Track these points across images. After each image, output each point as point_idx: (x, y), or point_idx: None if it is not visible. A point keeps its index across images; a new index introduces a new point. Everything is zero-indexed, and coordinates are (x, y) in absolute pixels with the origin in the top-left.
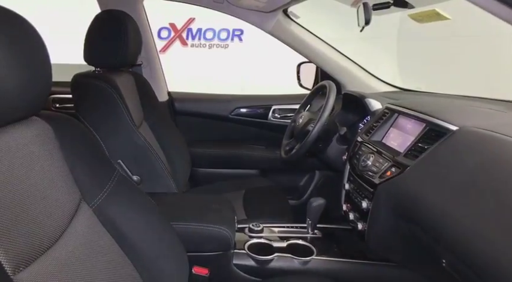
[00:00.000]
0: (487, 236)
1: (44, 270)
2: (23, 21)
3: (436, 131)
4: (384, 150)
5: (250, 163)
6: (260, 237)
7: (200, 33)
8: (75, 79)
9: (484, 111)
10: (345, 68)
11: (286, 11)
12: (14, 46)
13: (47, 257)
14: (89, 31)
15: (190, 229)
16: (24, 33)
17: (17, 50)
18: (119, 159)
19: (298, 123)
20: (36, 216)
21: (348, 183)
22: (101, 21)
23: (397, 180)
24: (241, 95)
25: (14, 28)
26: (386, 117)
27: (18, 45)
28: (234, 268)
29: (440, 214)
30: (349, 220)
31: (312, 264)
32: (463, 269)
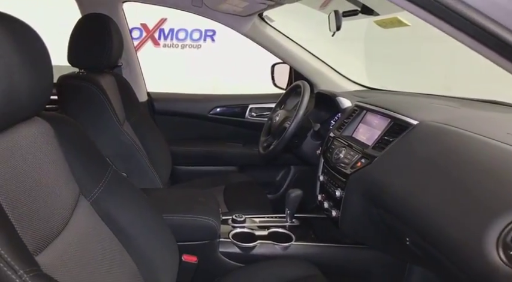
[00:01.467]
0: (442, 214)
1: (54, 257)
2: (28, 27)
3: (400, 125)
4: (354, 143)
5: (229, 160)
6: (243, 227)
7: (172, 33)
8: (61, 80)
9: (440, 107)
10: (317, 68)
11: (261, 15)
12: (24, 52)
13: (55, 246)
14: (73, 33)
15: (179, 220)
16: (30, 39)
17: (26, 56)
18: (106, 157)
19: (274, 121)
20: (43, 208)
21: (322, 175)
22: (84, 24)
23: (366, 170)
24: (219, 94)
25: (22, 35)
26: (356, 114)
27: (26, 51)
28: (220, 255)
29: (403, 198)
30: (324, 208)
31: (291, 249)
32: (424, 244)
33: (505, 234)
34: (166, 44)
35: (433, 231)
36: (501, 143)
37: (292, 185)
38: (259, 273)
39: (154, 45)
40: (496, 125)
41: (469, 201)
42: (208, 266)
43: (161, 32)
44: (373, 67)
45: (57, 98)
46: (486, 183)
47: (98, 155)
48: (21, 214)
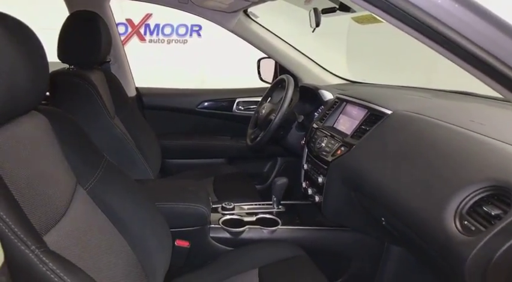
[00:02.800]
0: (410, 194)
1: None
2: (25, 26)
3: (375, 115)
4: (335, 133)
5: (218, 152)
6: (232, 213)
7: (158, 28)
8: (52, 76)
9: (413, 98)
10: (300, 63)
11: (246, 11)
12: (23, 49)
13: (56, 231)
14: (63, 30)
15: (172, 208)
16: (28, 37)
17: (25, 53)
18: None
19: (261, 114)
20: (44, 196)
21: (306, 163)
22: (74, 21)
23: (346, 157)
24: (207, 89)
25: (21, 33)
26: (337, 105)
27: (25, 48)
28: (211, 240)
29: (377, 181)
30: (308, 195)
31: (278, 233)
32: (397, 223)
33: (461, 208)
34: (152, 39)
35: (403, 209)
36: (463, 129)
37: (279, 175)
38: (248, 255)
39: (140, 41)
40: (461, 113)
41: (432, 181)
42: (200, 250)
43: (147, 27)
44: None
45: (49, 94)
46: (447, 164)
47: (93, 146)
48: (25, 201)
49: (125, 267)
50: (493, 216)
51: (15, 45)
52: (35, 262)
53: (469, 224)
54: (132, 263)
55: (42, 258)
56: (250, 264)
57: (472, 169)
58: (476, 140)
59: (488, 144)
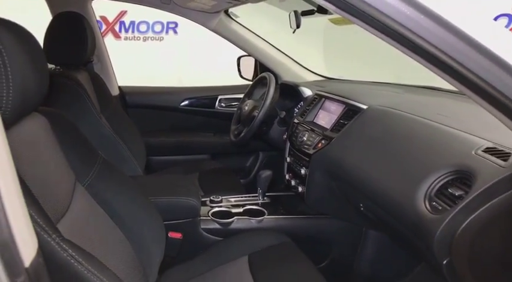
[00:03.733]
0: (385, 181)
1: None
2: (27, 31)
3: (352, 110)
4: (315, 127)
5: (201, 149)
6: (220, 206)
7: (133, 26)
8: None
9: (387, 93)
10: (280, 61)
11: (227, 11)
12: (28, 54)
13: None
14: (49, 31)
15: (164, 202)
16: (31, 41)
17: (29, 57)
18: None
19: (244, 111)
20: (50, 193)
21: (289, 156)
22: (59, 22)
23: (326, 149)
24: (189, 87)
25: (25, 39)
26: (316, 101)
27: (29, 53)
28: (202, 231)
29: (356, 170)
30: (292, 186)
31: (264, 222)
32: (374, 208)
33: (430, 190)
34: (128, 37)
35: (380, 194)
36: (431, 121)
37: (262, 169)
38: (237, 244)
39: (115, 38)
40: (428, 107)
41: (405, 168)
42: (192, 241)
43: (122, 24)
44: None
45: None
46: (417, 153)
47: (89, 145)
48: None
49: (123, 257)
50: (457, 197)
51: (23, 50)
52: (57, 249)
53: (437, 204)
54: (129, 253)
55: (62, 245)
56: (240, 252)
57: (439, 157)
58: (442, 131)
59: (452, 134)
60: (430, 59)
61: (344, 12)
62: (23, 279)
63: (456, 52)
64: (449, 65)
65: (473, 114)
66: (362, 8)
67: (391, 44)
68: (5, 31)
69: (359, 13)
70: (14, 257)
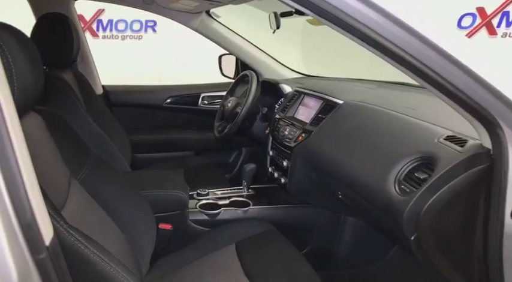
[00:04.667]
0: (360, 168)
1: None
2: (24, 34)
3: (330, 105)
4: (295, 122)
5: (185, 145)
6: (207, 198)
7: (111, 24)
8: None
9: (361, 89)
10: (260, 59)
11: (208, 11)
12: (28, 55)
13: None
14: (35, 32)
15: (154, 195)
16: (28, 44)
17: (29, 58)
18: None
19: (227, 107)
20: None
21: (272, 150)
22: (45, 23)
23: (306, 142)
24: (172, 85)
25: (23, 41)
26: (296, 97)
27: (29, 54)
28: (191, 223)
29: (334, 160)
30: (275, 178)
31: (249, 213)
32: (351, 194)
33: (399, 175)
34: (106, 35)
35: (355, 181)
36: (400, 113)
37: (245, 164)
38: (225, 233)
39: (93, 37)
40: (398, 101)
41: (377, 156)
42: (181, 232)
43: (99, 23)
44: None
45: None
46: (387, 143)
47: (81, 142)
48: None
49: (118, 248)
50: (421, 180)
51: (23, 52)
52: (64, 234)
53: (405, 187)
54: (123, 244)
55: (69, 230)
56: (228, 240)
57: (406, 145)
58: (409, 122)
59: (418, 125)
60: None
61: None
62: (44, 255)
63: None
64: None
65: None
66: (324, 7)
67: (358, 42)
68: (6, 34)
69: (322, 12)
70: (36, 237)
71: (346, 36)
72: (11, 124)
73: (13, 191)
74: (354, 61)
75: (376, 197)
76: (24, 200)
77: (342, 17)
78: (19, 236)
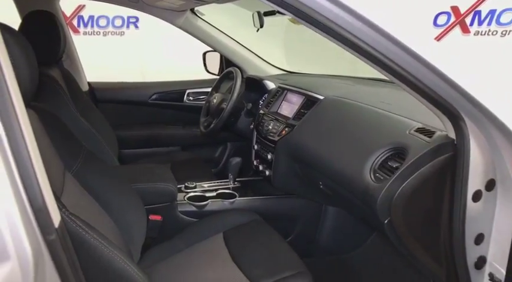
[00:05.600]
0: (339, 159)
1: None
2: (19, 33)
3: (311, 100)
4: (279, 117)
5: (171, 141)
6: (195, 191)
7: (92, 20)
8: None
9: (340, 85)
10: (244, 56)
11: (193, 9)
12: (26, 54)
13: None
14: (22, 30)
15: (144, 188)
16: (22, 42)
17: (26, 57)
18: None
19: (212, 103)
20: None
21: (256, 144)
22: (32, 20)
23: (290, 136)
24: (158, 81)
25: (22, 41)
26: (279, 93)
27: (26, 53)
28: (179, 214)
29: (315, 152)
30: (260, 171)
31: (236, 204)
32: (332, 184)
33: (374, 164)
34: (87, 32)
35: (335, 171)
36: (375, 107)
37: (230, 158)
38: (213, 223)
39: (74, 33)
40: (374, 96)
41: (354, 147)
42: (170, 223)
43: (80, 19)
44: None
45: None
46: (364, 135)
47: (73, 137)
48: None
49: (112, 237)
50: (394, 168)
51: (21, 49)
52: (66, 220)
53: (379, 175)
54: (115, 234)
55: (70, 217)
56: (216, 230)
57: (381, 137)
58: (384, 116)
59: (392, 118)
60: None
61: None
62: (54, 237)
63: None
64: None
65: (409, 102)
66: (299, 7)
67: (332, 41)
68: (5, 33)
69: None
70: (46, 219)
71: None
72: (21, 117)
73: (26, 179)
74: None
75: (353, 185)
76: (36, 187)
77: (317, 17)
78: (32, 220)
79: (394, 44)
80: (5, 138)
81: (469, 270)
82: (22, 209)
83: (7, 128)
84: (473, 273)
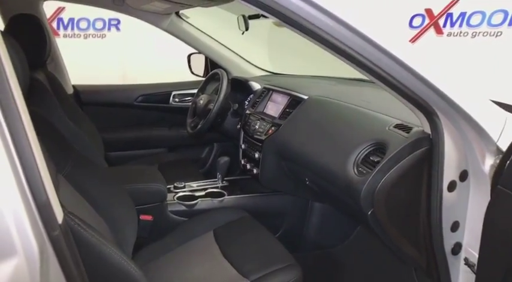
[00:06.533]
0: (324, 155)
1: None
2: (12, 38)
3: (296, 100)
4: (265, 117)
5: (158, 142)
6: (184, 191)
7: (73, 23)
8: None
9: (323, 85)
10: (229, 58)
11: (178, 13)
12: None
13: None
14: (8, 33)
15: (134, 188)
16: (17, 47)
17: (20, 60)
18: None
19: (199, 104)
20: None
21: (244, 144)
22: (16, 24)
23: (276, 134)
24: (143, 84)
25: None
26: (265, 94)
27: (19, 57)
28: (170, 213)
29: (301, 149)
30: (247, 169)
31: (225, 202)
32: (317, 180)
33: (357, 159)
34: (67, 34)
35: (320, 167)
36: (356, 106)
37: (217, 158)
38: (202, 221)
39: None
40: (355, 95)
41: (337, 144)
42: (161, 223)
43: (60, 21)
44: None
45: None
46: (346, 132)
47: (63, 139)
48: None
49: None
50: (375, 162)
51: (14, 53)
52: (65, 218)
53: (362, 169)
54: (108, 234)
55: (69, 215)
56: (206, 228)
57: (362, 133)
58: (364, 113)
59: (372, 115)
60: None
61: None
62: (58, 232)
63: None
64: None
65: (387, 100)
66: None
67: (314, 43)
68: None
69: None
70: (50, 216)
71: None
72: (25, 118)
73: (30, 177)
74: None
75: (338, 180)
76: (40, 184)
77: (297, 20)
78: (37, 216)
79: (371, 45)
80: (10, 138)
81: (447, 256)
82: (27, 206)
83: (11, 128)
84: (450, 259)
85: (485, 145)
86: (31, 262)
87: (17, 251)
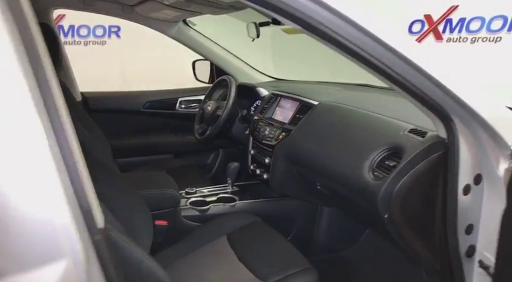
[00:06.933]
0: (337, 160)
1: None
2: None
3: (306, 106)
4: (274, 123)
5: (165, 148)
6: (196, 196)
7: (73, 30)
8: None
9: (331, 91)
10: (235, 64)
11: (185, 20)
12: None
13: None
14: None
15: (149, 194)
16: None
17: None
18: None
19: (207, 111)
20: None
21: (253, 149)
22: None
23: (286, 140)
24: (151, 90)
25: None
26: (273, 100)
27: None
28: (183, 219)
29: (312, 154)
30: (257, 174)
31: (237, 207)
32: (330, 183)
33: (372, 164)
34: (67, 41)
35: (334, 171)
36: (368, 111)
37: (223, 164)
38: (216, 227)
39: None
40: (365, 101)
41: (351, 149)
42: (175, 228)
43: (60, 29)
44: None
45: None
46: (360, 137)
47: (84, 145)
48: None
49: None
50: (391, 167)
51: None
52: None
53: (378, 174)
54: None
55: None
56: (219, 233)
57: (377, 138)
58: (378, 119)
59: (386, 120)
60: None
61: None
62: (100, 237)
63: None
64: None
65: (398, 105)
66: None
67: (333, 49)
68: None
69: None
70: (93, 220)
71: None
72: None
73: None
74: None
75: (352, 183)
76: (83, 189)
77: (321, 28)
78: (81, 221)
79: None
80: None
81: (461, 258)
82: (73, 210)
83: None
84: (464, 261)
85: (500, 149)
86: (78, 265)
87: (65, 254)
